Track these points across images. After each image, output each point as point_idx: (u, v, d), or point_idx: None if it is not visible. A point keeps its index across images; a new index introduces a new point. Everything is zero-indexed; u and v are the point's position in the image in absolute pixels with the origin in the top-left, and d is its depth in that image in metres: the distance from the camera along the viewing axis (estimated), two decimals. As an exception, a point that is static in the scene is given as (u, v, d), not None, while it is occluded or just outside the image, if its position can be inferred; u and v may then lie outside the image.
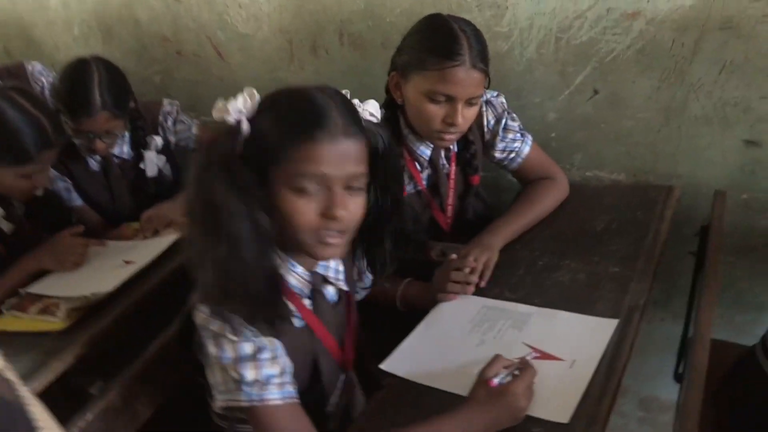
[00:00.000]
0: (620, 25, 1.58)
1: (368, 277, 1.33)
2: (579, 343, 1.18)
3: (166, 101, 2.02)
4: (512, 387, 1.01)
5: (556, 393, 1.07)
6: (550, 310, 1.29)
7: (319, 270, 1.12)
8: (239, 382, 0.99)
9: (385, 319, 1.43)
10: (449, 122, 1.39)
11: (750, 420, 1.31)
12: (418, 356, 1.23)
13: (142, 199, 1.95)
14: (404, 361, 1.22)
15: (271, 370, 1.00)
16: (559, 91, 1.73)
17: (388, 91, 1.49)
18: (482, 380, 1.05)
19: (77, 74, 1.75)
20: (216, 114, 0.96)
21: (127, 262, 1.63)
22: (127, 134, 1.94)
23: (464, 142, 1.56)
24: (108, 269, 1.63)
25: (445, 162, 1.57)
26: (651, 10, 1.54)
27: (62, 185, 1.95)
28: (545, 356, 1.16)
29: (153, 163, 1.97)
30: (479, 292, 1.37)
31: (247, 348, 0.99)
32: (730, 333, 1.81)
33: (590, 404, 1.05)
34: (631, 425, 2.15)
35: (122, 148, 1.95)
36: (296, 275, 1.09)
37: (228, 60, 2.23)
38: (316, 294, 1.13)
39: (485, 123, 1.59)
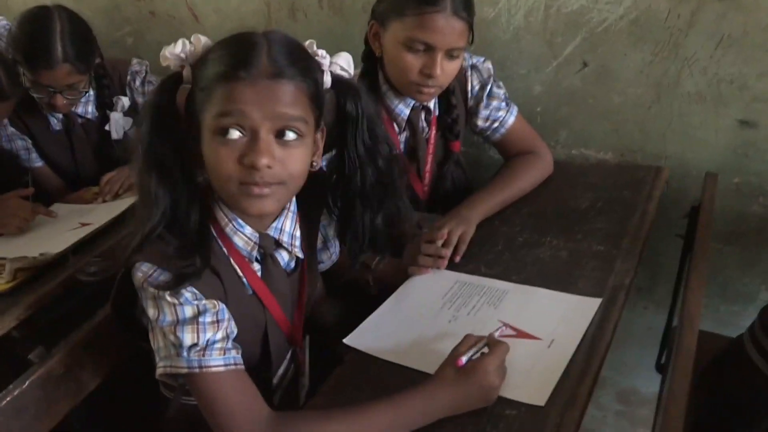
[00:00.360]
0: (613, -7, 1.51)
1: (334, 246, 1.24)
2: (558, 322, 1.12)
3: (135, 60, 1.92)
4: (482, 364, 0.94)
5: (532, 374, 1.01)
6: (528, 287, 1.22)
7: (271, 233, 1.03)
8: (178, 346, 0.91)
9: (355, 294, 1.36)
10: (427, 73, 1.32)
11: (734, 411, 1.26)
12: (385, 331, 1.15)
13: (106, 163, 1.85)
14: (369, 336, 1.14)
15: (212, 334, 0.92)
16: (546, 62, 1.66)
17: (367, 42, 1.41)
18: (451, 358, 0.97)
19: (37, 22, 1.63)
20: (162, 61, 0.93)
21: (83, 225, 1.55)
22: (92, 93, 1.84)
23: (446, 105, 1.49)
24: (62, 231, 1.57)
25: (424, 125, 1.50)
26: (646, -23, 1.46)
27: (21, 144, 1.85)
28: (522, 335, 1.10)
29: (119, 124, 1.87)
30: (453, 267, 1.30)
31: (188, 311, 0.92)
32: (715, 324, 1.76)
33: (569, 386, 0.98)
34: (608, 418, 2.09)
35: (86, 108, 1.85)
36: (243, 235, 1.01)
37: (203, 22, 2.13)
38: (266, 259, 1.05)
39: (469, 88, 1.52)
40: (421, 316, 1.17)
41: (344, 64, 1.01)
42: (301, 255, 1.09)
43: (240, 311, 1.00)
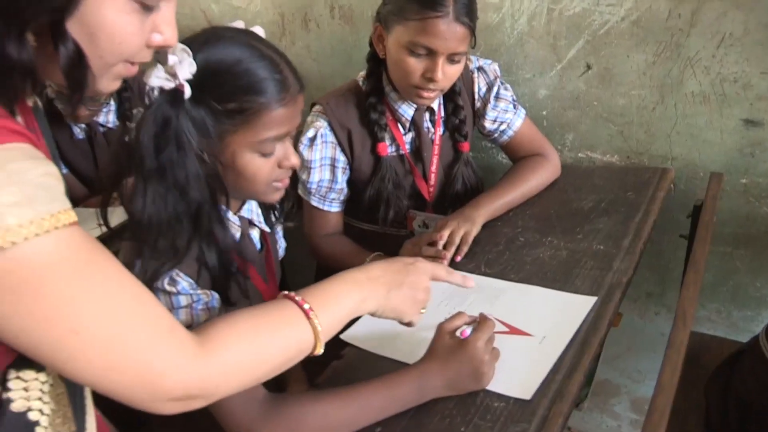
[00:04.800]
0: (615, -5, 1.51)
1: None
2: (552, 320, 1.13)
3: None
4: (471, 339, 0.96)
5: (521, 369, 1.02)
6: (525, 286, 1.23)
7: (245, 214, 1.10)
8: None
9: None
10: (428, 77, 1.33)
11: (747, 411, 1.24)
12: (381, 328, 1.16)
13: (126, 170, 1.91)
14: (365, 332, 1.16)
15: (204, 317, 0.96)
16: (551, 65, 1.66)
17: (371, 44, 1.43)
18: (441, 331, 1.00)
19: None
20: (154, 82, 0.90)
21: (100, 225, 1.58)
22: (113, 103, 1.91)
23: (453, 106, 1.50)
24: (85, 230, 1.59)
25: (429, 125, 1.51)
26: (647, -22, 1.46)
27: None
28: (514, 331, 1.11)
29: None
30: (454, 265, 1.31)
31: (183, 300, 0.96)
32: (729, 330, 1.73)
33: (559, 380, 0.99)
34: (624, 428, 2.06)
35: (108, 117, 1.92)
36: (229, 221, 1.06)
37: (220, 34, 2.18)
38: (244, 239, 1.09)
39: (476, 90, 1.53)
40: (417, 314, 1.19)
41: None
42: (267, 228, 1.15)
43: (230, 294, 1.04)
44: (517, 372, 1.01)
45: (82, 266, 0.62)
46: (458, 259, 1.32)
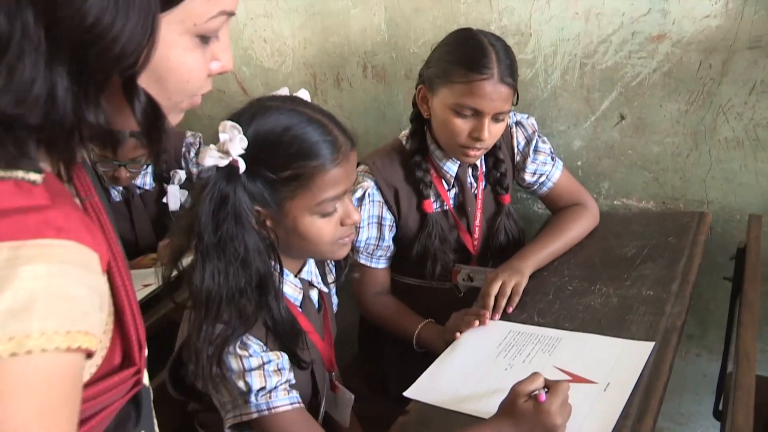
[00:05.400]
0: (645, 48, 1.57)
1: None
2: (613, 366, 1.14)
3: (188, 133, 2.04)
4: (545, 404, 0.96)
5: (591, 416, 1.03)
6: (581, 334, 1.25)
7: (305, 276, 1.13)
8: (246, 393, 0.98)
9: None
10: (475, 137, 1.37)
11: None
12: (443, 382, 1.19)
13: (163, 233, 1.95)
14: (429, 386, 1.18)
15: (277, 380, 1.00)
16: (585, 117, 1.71)
17: (415, 104, 1.48)
18: (516, 393, 1.00)
19: None
20: (209, 161, 0.94)
21: (145, 286, 1.61)
22: (149, 166, 1.95)
23: (494, 160, 1.55)
24: None
25: (472, 180, 1.55)
26: (677, 32, 1.52)
27: (85, 216, 1.95)
28: (577, 379, 1.12)
29: (176, 197, 1.97)
30: (506, 317, 1.34)
31: (254, 362, 0.99)
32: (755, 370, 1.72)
33: (629, 426, 1.00)
34: (668, 471, 2.04)
35: (145, 180, 1.96)
36: (291, 284, 1.10)
37: (252, 95, 2.21)
38: (305, 300, 1.13)
39: (515, 144, 1.57)
40: (477, 366, 1.20)
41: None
42: (326, 289, 1.19)
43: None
44: (588, 419, 1.02)
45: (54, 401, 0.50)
46: (510, 310, 1.34)
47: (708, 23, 1.49)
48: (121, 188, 1.94)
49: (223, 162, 0.94)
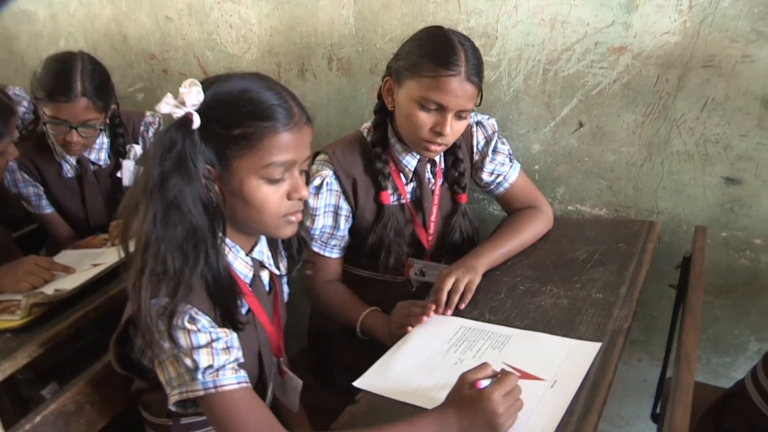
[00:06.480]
0: (607, 59, 1.61)
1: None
2: (560, 364, 1.16)
3: (148, 113, 2.00)
4: (488, 391, 0.97)
5: (537, 412, 1.04)
6: (530, 332, 1.27)
7: (257, 256, 1.13)
8: (194, 370, 0.96)
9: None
10: (437, 131, 1.38)
11: None
12: (393, 373, 1.19)
13: (116, 211, 1.89)
14: (379, 377, 1.18)
15: (225, 359, 0.98)
16: (545, 122, 1.75)
17: (380, 96, 1.49)
18: (462, 381, 1.01)
19: (60, 61, 1.73)
20: (165, 108, 0.96)
21: (94, 265, 1.58)
22: (106, 141, 1.91)
23: (453, 159, 1.56)
24: (75, 271, 1.60)
25: (430, 176, 1.56)
26: (637, 45, 1.57)
27: (33, 191, 1.90)
28: (525, 376, 1.14)
29: (130, 172, 1.92)
30: (458, 313, 1.35)
31: (202, 338, 0.98)
32: (708, 376, 1.80)
33: (575, 422, 1.02)
34: (603, 473, 2.09)
35: (100, 155, 1.91)
36: (242, 260, 1.09)
37: (214, 80, 2.21)
38: (255, 280, 1.12)
39: (475, 143, 1.59)
40: (428, 359, 1.21)
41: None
42: (277, 271, 1.18)
43: (240, 334, 1.05)
44: (534, 415, 1.03)
45: None
46: (462, 306, 1.35)
47: (667, 39, 1.54)
48: (73, 162, 1.89)
49: (178, 112, 0.96)
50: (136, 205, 0.96)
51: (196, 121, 0.96)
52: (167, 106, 0.96)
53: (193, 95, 0.96)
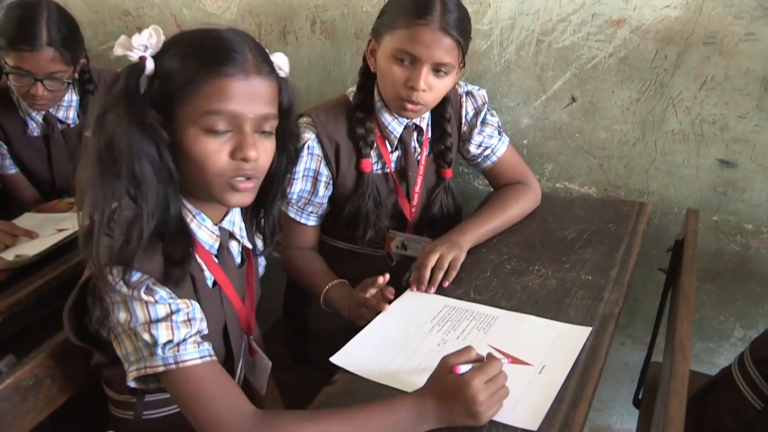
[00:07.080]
0: (604, 31, 1.54)
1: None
2: (549, 349, 1.12)
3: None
4: (468, 377, 0.92)
5: (524, 399, 1.00)
6: (518, 314, 1.22)
7: (226, 226, 1.05)
8: (153, 345, 0.90)
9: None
10: (410, 86, 1.31)
11: None
12: (373, 352, 1.14)
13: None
14: (357, 355, 1.13)
15: (186, 332, 0.92)
16: (536, 96, 1.68)
17: (365, 59, 1.42)
18: (444, 365, 0.96)
19: (24, 8, 1.60)
20: (118, 50, 0.90)
21: (59, 230, 1.50)
22: (75, 98, 1.80)
23: (441, 132, 1.50)
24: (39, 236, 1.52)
25: (416, 145, 1.49)
26: (636, 18, 1.51)
27: (-4, 149, 1.79)
28: (512, 360, 1.09)
29: None
30: (442, 291, 1.30)
31: (161, 309, 0.91)
32: (691, 361, 1.76)
33: (564, 410, 0.97)
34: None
35: (68, 113, 1.81)
36: (207, 229, 1.02)
37: (190, 40, 2.11)
38: (222, 251, 1.05)
39: (464, 114, 1.53)
40: (409, 339, 1.16)
41: (281, 63, 1.01)
42: (249, 245, 1.11)
43: (205, 307, 0.99)
44: (521, 402, 0.99)
45: None
46: (446, 284, 1.30)
47: (668, 13, 1.48)
48: (40, 120, 1.78)
49: (132, 55, 0.89)
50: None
51: (149, 67, 0.89)
52: (121, 48, 0.89)
53: (144, 38, 0.89)
